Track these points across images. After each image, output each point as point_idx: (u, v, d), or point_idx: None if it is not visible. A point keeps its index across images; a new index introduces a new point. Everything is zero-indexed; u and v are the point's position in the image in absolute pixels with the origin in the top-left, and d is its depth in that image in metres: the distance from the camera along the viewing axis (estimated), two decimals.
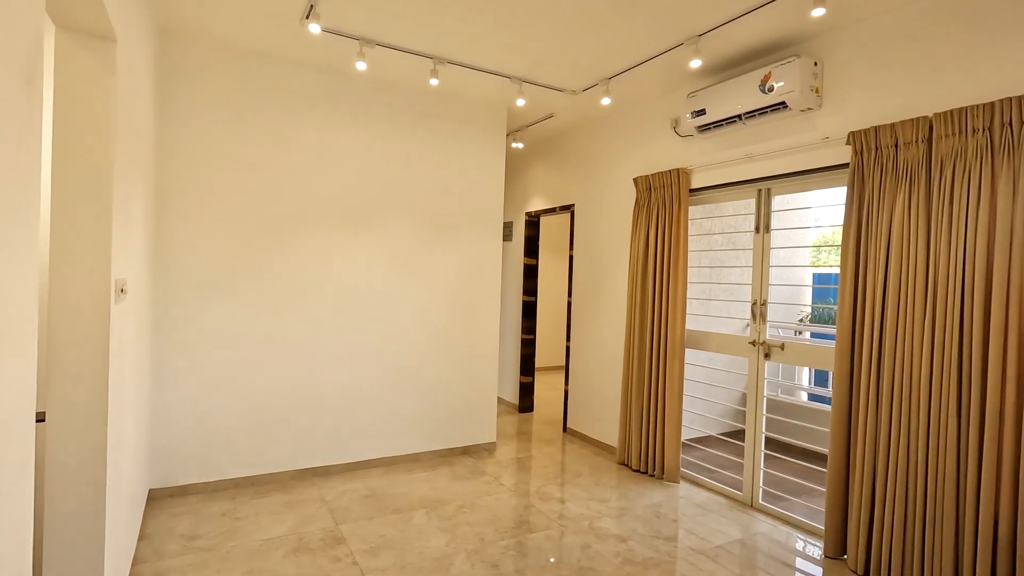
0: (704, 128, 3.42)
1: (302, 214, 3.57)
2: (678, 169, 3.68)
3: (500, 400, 5.96)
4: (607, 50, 3.18)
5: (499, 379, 6.00)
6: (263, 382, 3.48)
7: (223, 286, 3.36)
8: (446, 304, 4.10)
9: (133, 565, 2.49)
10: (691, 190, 3.70)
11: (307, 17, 2.64)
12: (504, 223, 5.97)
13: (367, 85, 3.74)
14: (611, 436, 4.32)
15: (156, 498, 3.22)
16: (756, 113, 3.08)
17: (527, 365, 5.57)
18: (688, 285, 3.74)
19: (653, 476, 3.84)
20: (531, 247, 5.57)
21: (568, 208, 4.92)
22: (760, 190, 3.30)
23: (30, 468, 0.96)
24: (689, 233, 3.96)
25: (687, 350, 3.98)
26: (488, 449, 4.31)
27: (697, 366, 4.17)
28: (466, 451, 4.22)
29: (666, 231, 3.74)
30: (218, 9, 2.81)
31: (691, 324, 4.16)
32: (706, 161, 3.59)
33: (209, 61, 3.27)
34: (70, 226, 1.61)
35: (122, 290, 1.84)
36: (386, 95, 3.81)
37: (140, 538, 2.74)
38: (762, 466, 3.32)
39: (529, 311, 5.57)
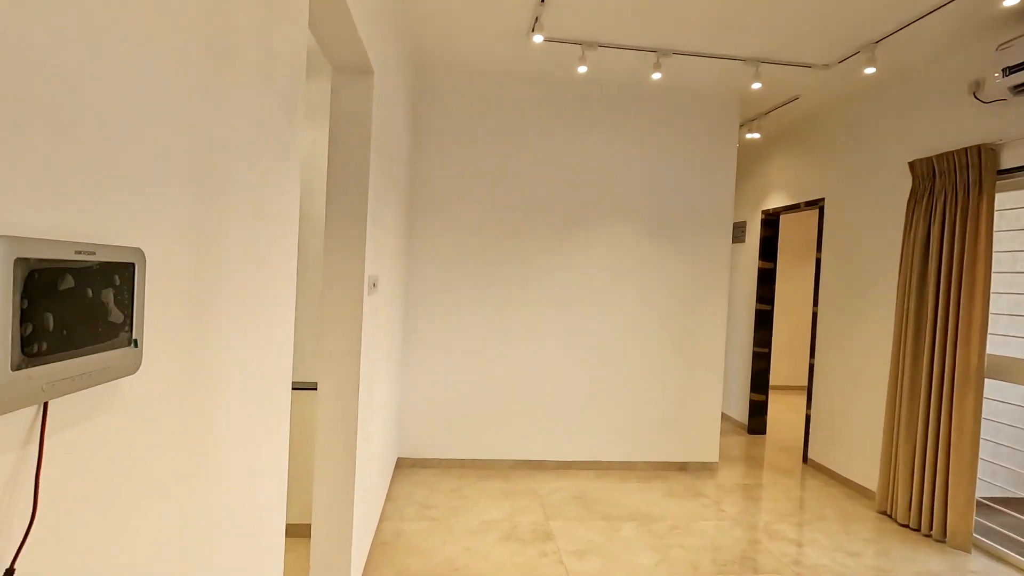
0: (1022, 88, 2.57)
1: (524, 219, 3.76)
2: (979, 145, 2.84)
3: (725, 417, 5.44)
4: (873, 7, 2.62)
5: (724, 394, 5.48)
6: (488, 376, 3.77)
7: (458, 287, 3.73)
8: (665, 309, 3.89)
9: (381, 520, 2.92)
10: (1000, 172, 2.82)
11: (532, 30, 2.77)
12: (734, 223, 5.44)
13: (585, 88, 3.77)
14: (867, 477, 3.56)
15: (402, 466, 3.73)
16: None
17: (759, 381, 4.97)
18: (991, 297, 2.87)
19: (929, 537, 3.04)
20: (768, 249, 4.95)
21: (815, 203, 4.23)
22: None
23: (285, 418, 1.16)
24: (995, 229, 3.02)
25: (988, 381, 3.05)
26: (708, 469, 3.95)
27: (1004, 403, 3.17)
28: (683, 467, 3.94)
29: (956, 227, 2.92)
30: (458, 36, 3.13)
31: (995, 348, 3.18)
32: None
33: (448, 82, 3.68)
34: (336, 230, 1.94)
35: (374, 284, 2.16)
36: (605, 96, 3.79)
37: (388, 499, 3.21)
38: None
39: (763, 321, 4.96)
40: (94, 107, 0.50)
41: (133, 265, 0.53)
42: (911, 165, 3.23)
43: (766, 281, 4.96)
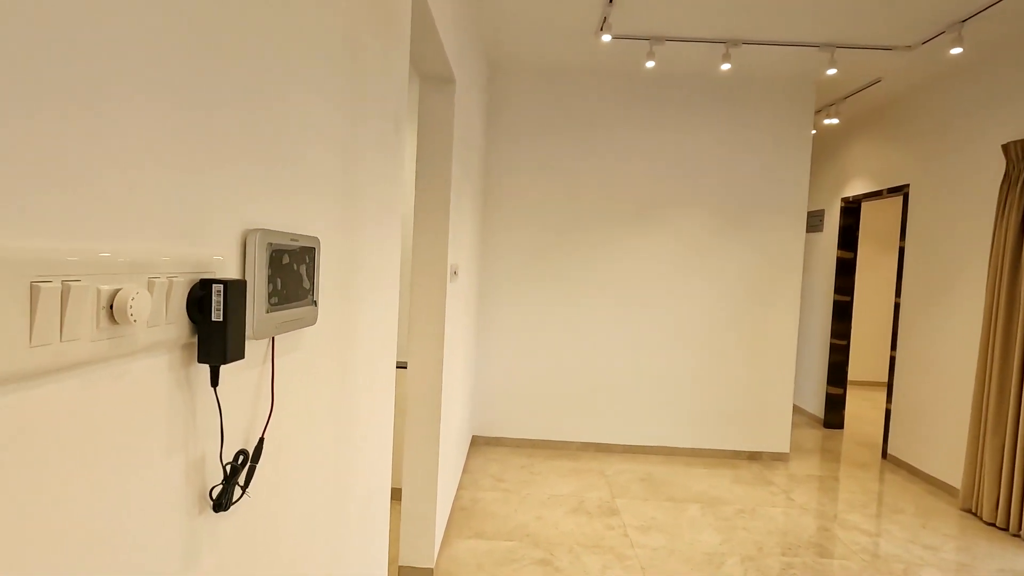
0: None
1: (593, 211, 3.89)
2: None
3: (799, 410, 5.33)
4: None
5: (799, 387, 5.36)
6: (558, 361, 3.95)
7: (529, 276, 3.93)
8: (735, 300, 3.90)
9: (459, 489, 3.18)
10: None
11: (600, 30, 2.89)
12: (809, 212, 5.28)
13: (654, 81, 3.84)
14: (951, 474, 3.43)
15: (476, 444, 4.00)
16: None
17: (837, 375, 4.83)
18: None
19: (1018, 536, 2.92)
20: (847, 238, 4.79)
21: (899, 190, 4.07)
22: None
23: (392, 374, 1.40)
24: None
25: None
26: (779, 459, 3.94)
27: None
28: (753, 457, 3.95)
29: None
30: (530, 38, 3.31)
31: None
32: None
33: (521, 83, 3.86)
34: (424, 223, 2.18)
35: (455, 272, 2.39)
36: (674, 88, 3.84)
37: (464, 471, 3.47)
38: None
39: (842, 312, 4.82)
40: (298, 144, 0.72)
41: (315, 248, 0.75)
42: (1005, 148, 3.08)
43: (845, 271, 4.80)
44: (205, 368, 0.55)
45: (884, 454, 4.08)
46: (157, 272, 0.47)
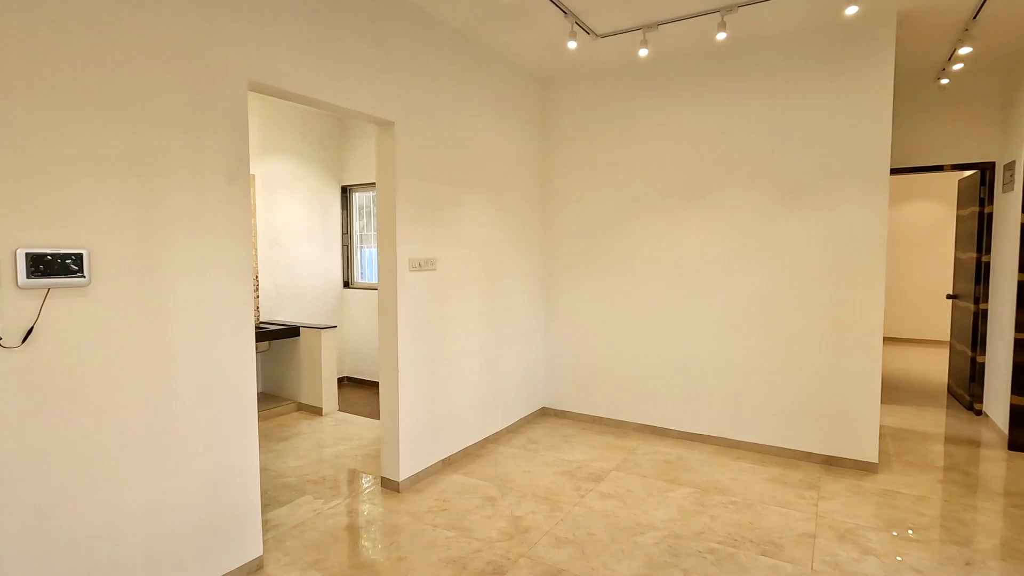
0: None
1: (645, 198, 3.97)
2: None
3: (986, 424, 4.08)
4: None
5: (987, 396, 4.11)
6: (618, 344, 4.15)
7: (584, 266, 4.25)
8: (800, 283, 3.47)
9: (487, 443, 3.82)
10: None
11: (570, 37, 3.15)
12: (1004, 165, 4.00)
13: (689, 60, 3.69)
14: None
15: (547, 415, 4.50)
16: None
17: None
18: None
19: None
20: None
21: None
22: None
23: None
24: None
25: None
26: (864, 469, 3.34)
27: None
28: (830, 462, 3.45)
29: None
30: (570, 54, 3.70)
31: None
32: None
33: (569, 91, 4.21)
34: (384, 221, 2.99)
35: (419, 264, 3.12)
36: (708, 63, 3.63)
37: (511, 432, 4.07)
38: None
39: None
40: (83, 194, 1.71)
41: (82, 255, 1.72)
42: None
43: None
44: None
45: None
46: None
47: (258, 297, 4.71)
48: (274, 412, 4.51)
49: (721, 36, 3.05)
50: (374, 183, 5.25)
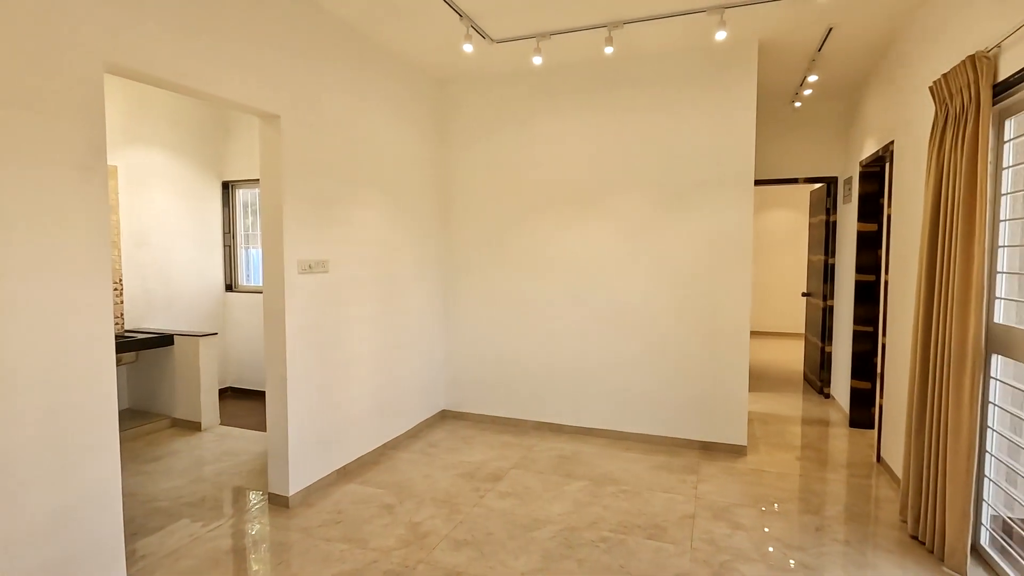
0: None
1: (540, 203, 4.08)
2: (972, 57, 2.19)
3: (833, 406, 4.68)
4: None
5: (834, 381, 4.71)
6: (515, 346, 4.23)
7: (482, 268, 4.29)
8: (679, 284, 3.75)
9: (388, 448, 3.73)
10: (998, 86, 2.13)
11: (465, 39, 3.17)
12: (844, 179, 4.61)
13: (582, 71, 3.87)
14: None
15: (446, 417, 4.47)
16: None
17: (863, 367, 4.19)
18: (996, 252, 2.18)
19: (933, 553, 2.46)
20: (868, 208, 4.12)
21: (886, 149, 3.46)
22: None
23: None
24: (1006, 164, 2.23)
25: (996, 359, 2.28)
26: (735, 452, 3.68)
27: None
28: (706, 447, 3.76)
29: (958, 166, 2.29)
30: (466, 61, 3.68)
31: (1005, 317, 2.34)
32: None
33: (467, 94, 4.23)
34: (270, 221, 2.81)
35: (309, 266, 2.97)
36: (599, 75, 3.83)
37: (411, 436, 3.99)
38: None
39: (864, 294, 4.16)
40: None
41: None
42: (931, 89, 2.56)
43: (867, 246, 4.14)
44: None
45: (878, 458, 3.53)
46: None
47: (122, 303, 4.23)
48: (143, 430, 4.07)
49: (609, 50, 3.22)
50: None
